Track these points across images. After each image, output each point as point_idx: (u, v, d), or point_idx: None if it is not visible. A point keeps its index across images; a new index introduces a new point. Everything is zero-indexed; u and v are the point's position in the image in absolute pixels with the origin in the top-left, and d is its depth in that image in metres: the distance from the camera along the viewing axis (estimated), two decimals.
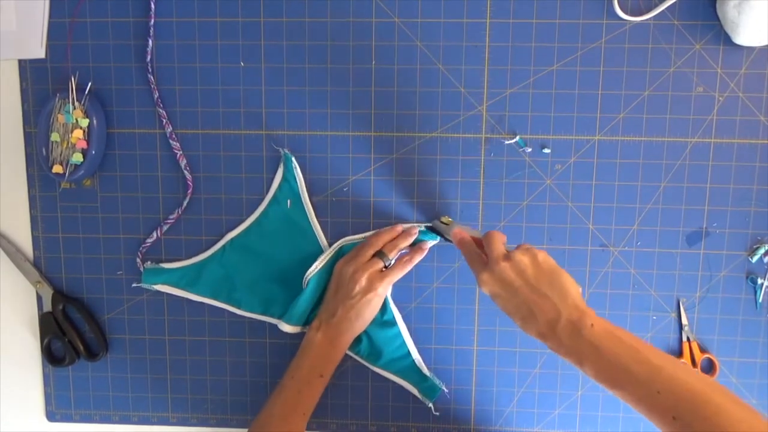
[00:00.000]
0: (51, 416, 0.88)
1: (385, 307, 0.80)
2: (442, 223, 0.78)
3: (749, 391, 0.81)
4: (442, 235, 0.78)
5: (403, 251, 0.79)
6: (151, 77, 0.80)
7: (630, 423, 0.83)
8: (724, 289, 0.80)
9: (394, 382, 0.83)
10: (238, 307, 0.82)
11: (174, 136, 0.81)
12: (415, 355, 0.82)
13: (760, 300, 0.80)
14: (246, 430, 0.85)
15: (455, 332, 0.82)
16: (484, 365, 0.83)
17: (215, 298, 0.83)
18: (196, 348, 0.85)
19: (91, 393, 0.87)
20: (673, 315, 0.81)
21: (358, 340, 0.81)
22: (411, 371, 0.82)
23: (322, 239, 0.81)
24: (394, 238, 0.78)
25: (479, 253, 0.69)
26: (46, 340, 0.85)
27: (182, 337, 0.85)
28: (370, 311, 0.77)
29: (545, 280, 0.63)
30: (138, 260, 0.82)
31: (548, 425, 0.83)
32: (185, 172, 0.81)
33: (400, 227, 0.79)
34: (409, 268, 0.79)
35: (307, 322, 0.81)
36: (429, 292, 0.82)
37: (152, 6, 0.79)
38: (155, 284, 0.82)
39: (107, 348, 0.86)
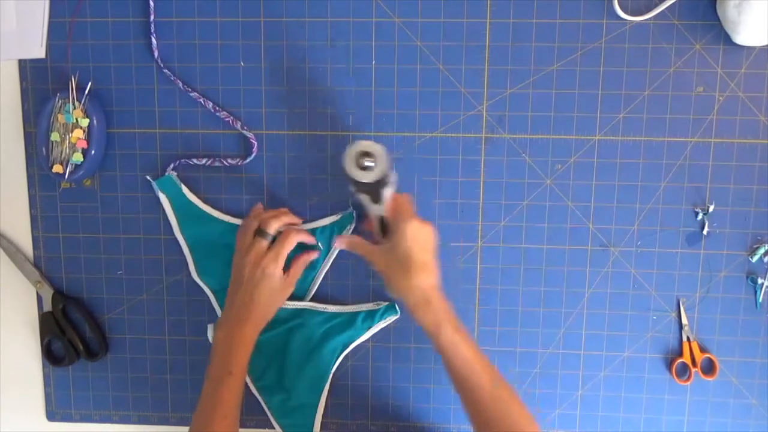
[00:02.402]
0: (51, 416, 0.88)
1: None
2: (368, 200, 0.73)
3: (749, 391, 0.81)
4: (366, 212, 0.75)
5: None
6: (167, 71, 0.80)
7: (630, 423, 0.83)
8: (724, 289, 0.80)
9: (394, 382, 0.83)
10: (198, 271, 0.82)
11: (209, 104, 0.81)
12: (340, 308, 0.82)
13: (760, 300, 0.80)
14: (247, 429, 0.85)
15: None
16: None
17: (190, 248, 0.82)
18: (196, 348, 0.85)
19: (91, 393, 0.87)
20: (673, 315, 0.81)
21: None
22: (353, 320, 0.81)
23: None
24: (270, 215, 0.77)
25: (410, 207, 0.74)
26: (46, 340, 0.85)
27: (182, 337, 0.85)
28: (265, 292, 0.75)
29: (434, 256, 0.73)
30: (171, 166, 0.81)
31: (548, 425, 0.83)
32: (244, 132, 0.80)
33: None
34: (294, 239, 0.76)
35: None
36: None
37: (151, 4, 0.79)
38: (163, 192, 0.81)
39: (107, 348, 0.86)
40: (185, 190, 0.81)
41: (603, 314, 0.81)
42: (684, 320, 0.80)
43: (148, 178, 0.81)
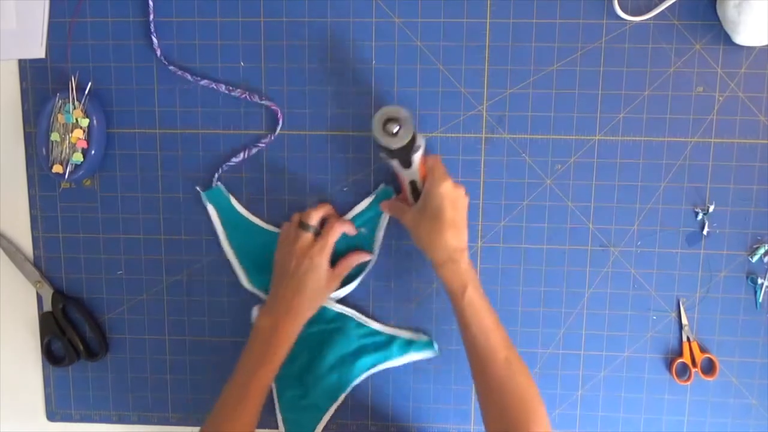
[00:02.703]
0: (51, 416, 0.88)
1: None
2: (400, 165, 0.73)
3: (749, 391, 0.81)
4: (397, 178, 0.76)
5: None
6: (172, 67, 0.80)
7: (630, 423, 0.83)
8: (724, 289, 0.80)
9: (394, 382, 0.83)
10: (249, 279, 0.82)
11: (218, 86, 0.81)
12: (382, 328, 0.82)
13: (760, 300, 0.80)
14: None
15: (455, 332, 0.82)
16: None
17: (239, 258, 0.82)
18: (196, 348, 0.85)
19: (91, 393, 0.87)
20: (673, 315, 0.81)
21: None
22: (392, 346, 0.82)
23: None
24: (311, 209, 0.78)
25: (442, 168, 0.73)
26: (46, 340, 0.85)
27: (182, 337, 0.85)
28: (311, 284, 0.75)
29: (466, 219, 0.74)
30: (216, 175, 0.81)
31: None
32: (264, 102, 0.80)
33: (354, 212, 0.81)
34: (339, 229, 0.77)
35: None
36: (429, 292, 0.82)
37: (150, 4, 0.79)
38: (212, 203, 0.81)
39: (107, 348, 0.86)
40: (233, 201, 0.81)
41: (603, 314, 0.81)
42: (684, 320, 0.80)
43: (197, 189, 0.81)
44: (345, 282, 0.80)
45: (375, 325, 0.82)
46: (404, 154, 0.71)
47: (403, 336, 0.82)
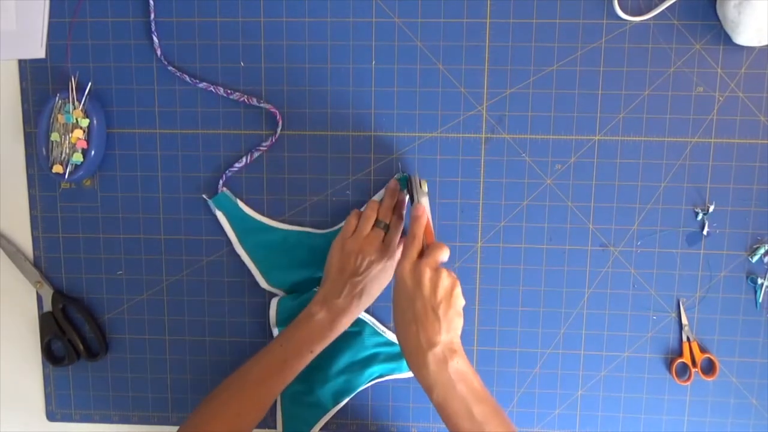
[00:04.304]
0: (51, 416, 0.88)
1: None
2: (420, 186, 0.76)
3: (749, 391, 0.81)
4: (410, 192, 0.76)
5: None
6: (172, 68, 0.80)
7: (630, 423, 0.83)
8: (724, 289, 0.80)
9: (394, 382, 0.83)
10: (266, 279, 0.82)
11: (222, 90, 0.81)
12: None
13: (760, 300, 0.80)
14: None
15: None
16: (484, 365, 0.83)
17: (253, 260, 0.82)
18: (196, 348, 0.85)
19: (91, 393, 0.87)
20: (673, 315, 0.81)
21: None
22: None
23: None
24: (383, 204, 0.77)
25: (420, 242, 0.70)
26: (46, 340, 0.85)
27: (182, 337, 0.85)
28: (378, 285, 0.76)
29: (446, 307, 0.66)
30: (221, 182, 0.80)
31: (548, 425, 0.83)
32: (263, 105, 0.80)
33: (382, 191, 0.79)
34: (402, 224, 0.77)
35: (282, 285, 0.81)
36: None
37: (151, 3, 0.79)
38: (220, 209, 0.81)
39: (107, 348, 0.86)
40: (241, 204, 0.81)
41: (603, 314, 0.81)
42: (684, 320, 0.80)
43: (204, 197, 0.81)
44: None
45: (391, 336, 0.82)
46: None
47: None
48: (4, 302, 0.87)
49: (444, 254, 0.69)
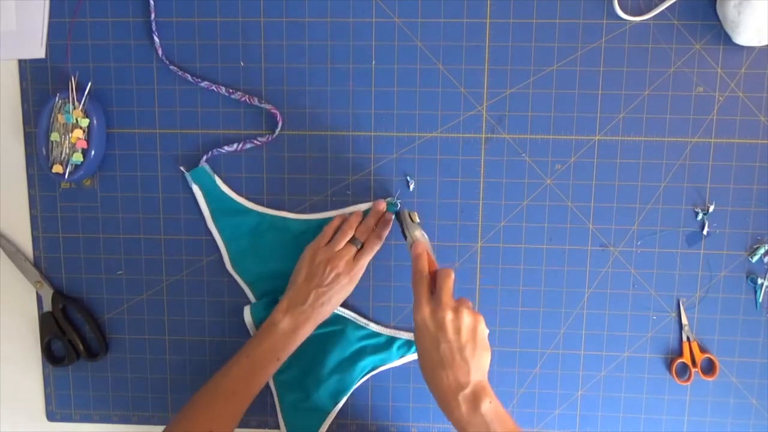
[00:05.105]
0: (51, 416, 0.88)
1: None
2: (410, 218, 0.76)
3: (749, 391, 0.81)
4: (401, 226, 0.76)
5: None
6: (173, 67, 0.80)
7: (630, 423, 0.83)
8: (724, 289, 0.80)
9: (394, 383, 0.83)
10: (232, 263, 0.82)
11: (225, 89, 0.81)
12: (381, 329, 0.82)
13: (760, 300, 0.80)
14: (247, 429, 0.85)
15: None
16: None
17: (223, 239, 0.82)
18: (196, 348, 0.85)
19: (91, 393, 0.87)
20: (673, 315, 0.81)
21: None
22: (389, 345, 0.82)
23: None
24: (361, 224, 0.78)
25: (428, 278, 0.69)
26: (46, 340, 0.85)
27: (182, 337, 0.85)
28: (341, 296, 0.77)
29: (472, 348, 0.65)
30: (204, 157, 0.80)
31: (548, 425, 0.83)
32: (263, 106, 0.80)
33: (364, 207, 0.80)
34: (378, 246, 0.78)
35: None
36: None
37: (151, 3, 0.79)
38: (196, 183, 0.81)
39: (107, 348, 0.86)
40: (219, 181, 0.81)
41: (603, 314, 0.81)
42: (684, 320, 0.80)
43: (181, 168, 0.81)
44: None
45: (374, 327, 0.82)
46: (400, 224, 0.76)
47: (402, 337, 0.82)
48: (4, 302, 0.87)
49: (452, 281, 0.68)
